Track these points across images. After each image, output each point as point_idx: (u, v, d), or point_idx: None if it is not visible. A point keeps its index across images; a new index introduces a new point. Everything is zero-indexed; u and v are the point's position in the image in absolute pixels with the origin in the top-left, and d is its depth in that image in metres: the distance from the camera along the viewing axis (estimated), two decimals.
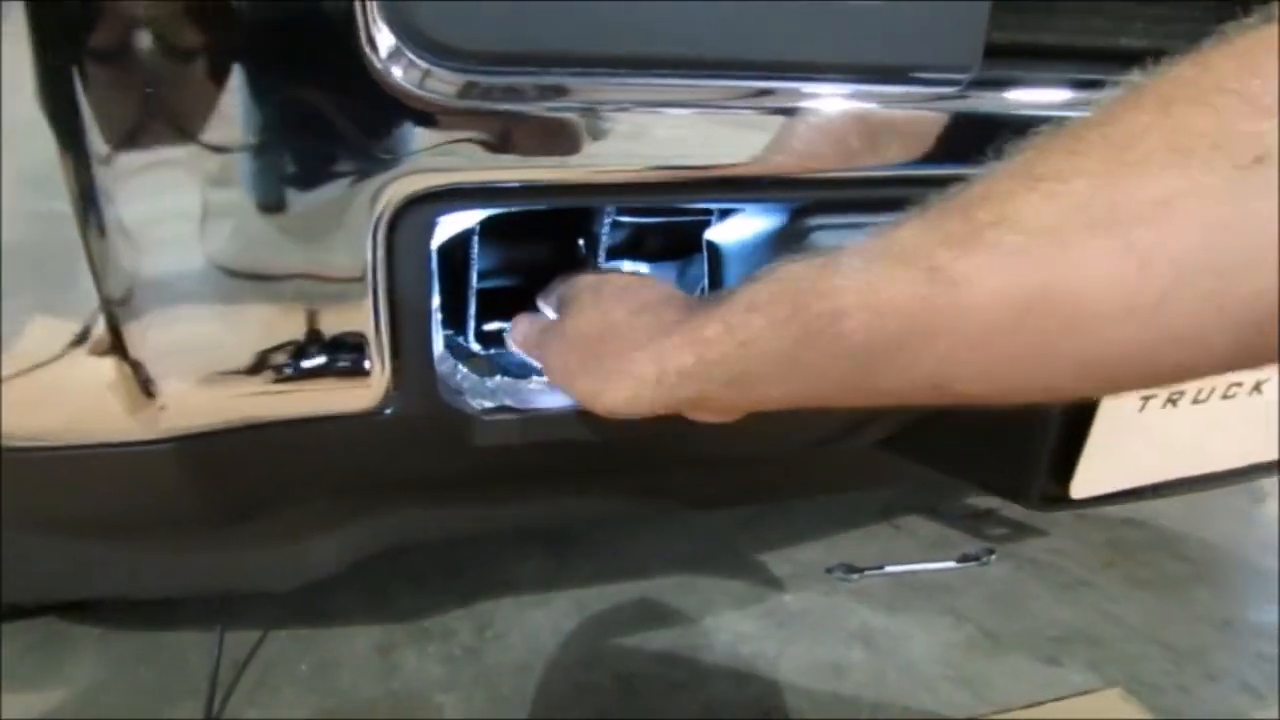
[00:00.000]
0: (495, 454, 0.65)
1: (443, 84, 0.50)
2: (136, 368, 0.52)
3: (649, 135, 0.54)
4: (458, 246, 0.69)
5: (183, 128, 0.48)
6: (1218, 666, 1.24)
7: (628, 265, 0.91)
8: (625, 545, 1.48)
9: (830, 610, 1.33)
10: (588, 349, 0.57)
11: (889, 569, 1.42)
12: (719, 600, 1.35)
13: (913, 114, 0.60)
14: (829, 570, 1.42)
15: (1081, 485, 0.73)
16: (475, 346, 0.78)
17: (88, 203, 0.48)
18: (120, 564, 0.80)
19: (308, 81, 0.49)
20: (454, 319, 0.78)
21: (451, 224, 0.58)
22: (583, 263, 0.81)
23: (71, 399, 0.54)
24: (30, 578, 0.87)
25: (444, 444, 0.62)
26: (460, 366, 0.66)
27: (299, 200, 0.51)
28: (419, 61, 0.49)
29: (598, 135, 0.53)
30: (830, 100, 0.57)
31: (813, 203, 0.62)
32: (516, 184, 0.53)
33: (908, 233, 0.43)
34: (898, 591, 1.39)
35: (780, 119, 0.56)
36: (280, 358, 0.54)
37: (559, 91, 0.52)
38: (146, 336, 0.52)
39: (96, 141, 0.48)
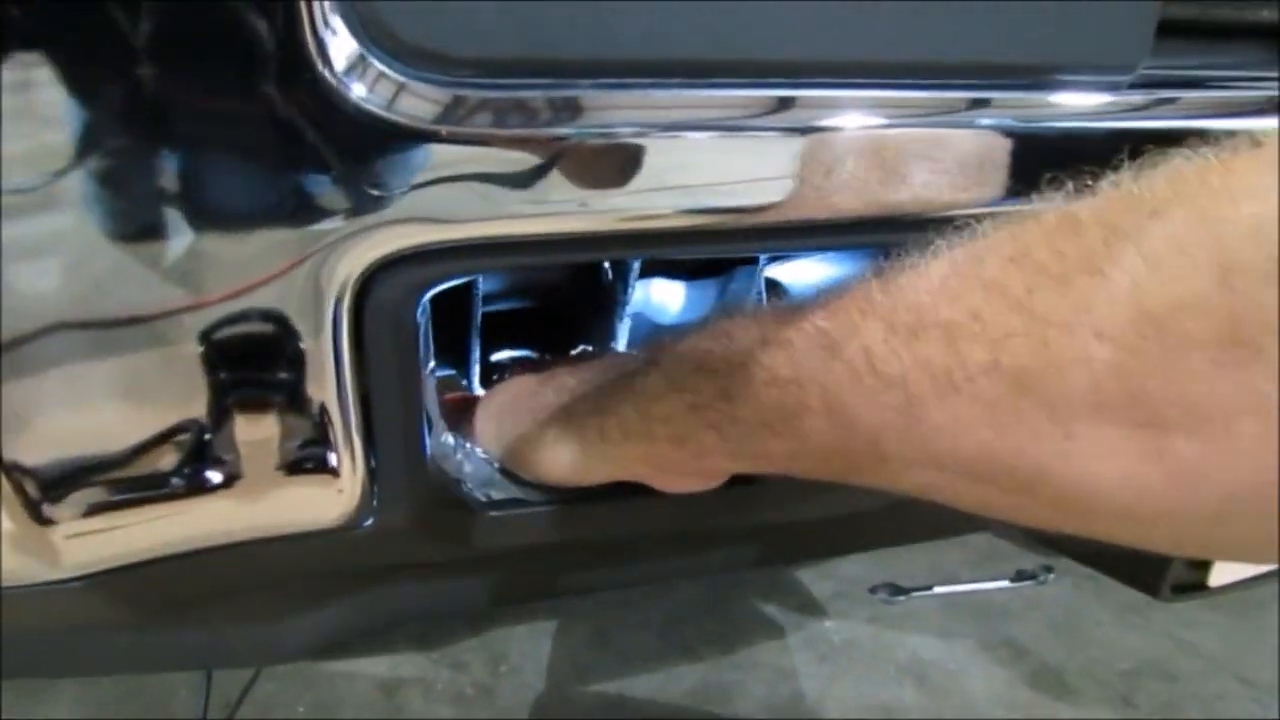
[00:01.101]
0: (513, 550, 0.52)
1: (423, 103, 0.36)
2: (17, 477, 0.39)
3: (702, 167, 0.40)
4: None
5: (65, 145, 0.35)
6: None
7: (659, 283, 0.78)
8: None
9: (877, 640, 1.21)
10: (521, 410, 0.51)
11: (938, 590, 1.30)
12: (755, 628, 1.23)
13: (1042, 129, 0.46)
14: (873, 590, 1.30)
15: (1220, 573, 0.60)
16: (480, 391, 0.66)
17: None
18: (77, 655, 0.69)
19: (237, 105, 0.35)
20: (453, 355, 0.65)
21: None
22: (609, 289, 0.68)
23: None
24: None
25: (440, 548, 0.49)
26: (461, 442, 0.53)
27: (231, 260, 0.37)
28: (390, 73, 0.36)
29: (631, 169, 0.39)
30: (942, 115, 0.43)
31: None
32: (526, 238, 0.40)
33: (875, 335, 0.34)
34: (949, 615, 1.26)
35: (886, 142, 0.42)
36: (221, 462, 0.41)
37: (577, 110, 0.38)
38: (23, 428, 0.38)
39: None
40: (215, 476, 0.41)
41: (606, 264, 0.69)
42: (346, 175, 0.36)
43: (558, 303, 0.75)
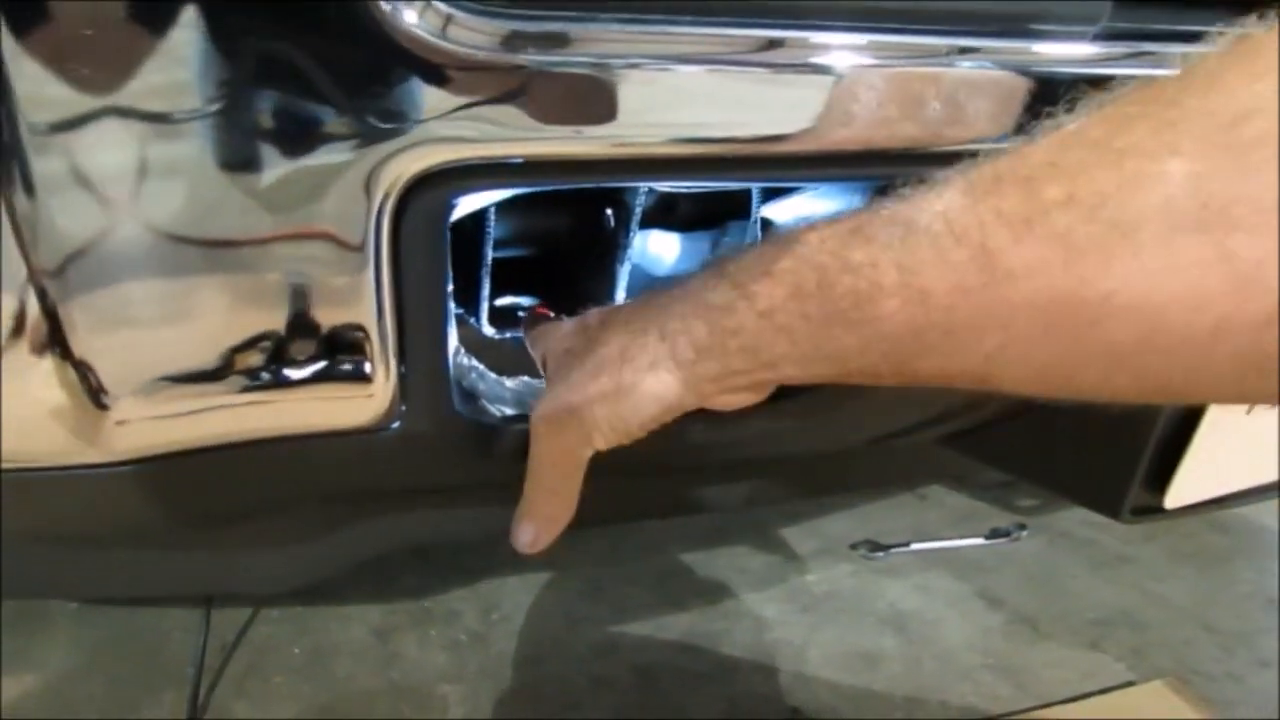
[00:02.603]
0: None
1: (471, 32, 0.39)
2: (83, 371, 0.42)
3: (722, 98, 0.43)
4: (470, 214, 0.59)
5: (134, 70, 0.37)
6: (1270, 651, 1.17)
7: (656, 234, 0.81)
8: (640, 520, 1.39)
9: (858, 592, 1.26)
10: (593, 376, 0.48)
11: (916, 546, 1.34)
12: (740, 581, 1.27)
13: (1017, 75, 0.49)
14: (854, 547, 1.34)
15: (1176, 495, 0.64)
16: (488, 330, 0.68)
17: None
18: (88, 569, 0.71)
19: (291, 27, 0.38)
20: (463, 297, 0.68)
21: (471, 200, 0.47)
22: (612, 235, 0.71)
23: (9, 410, 0.44)
24: None
25: (458, 457, 0.52)
26: (475, 363, 0.56)
27: (283, 171, 0.40)
28: (440, 4, 0.38)
29: (659, 100, 0.42)
30: (927, 58, 0.46)
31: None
32: (561, 159, 0.43)
33: (954, 200, 0.35)
34: (928, 570, 1.31)
35: (875, 81, 0.45)
36: (267, 360, 0.44)
37: (620, 42, 0.41)
38: (93, 328, 0.41)
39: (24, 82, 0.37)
40: (263, 376, 0.44)
41: (609, 211, 0.72)
42: (398, 98, 0.39)
43: (561, 250, 0.77)
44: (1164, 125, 0.31)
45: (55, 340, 0.41)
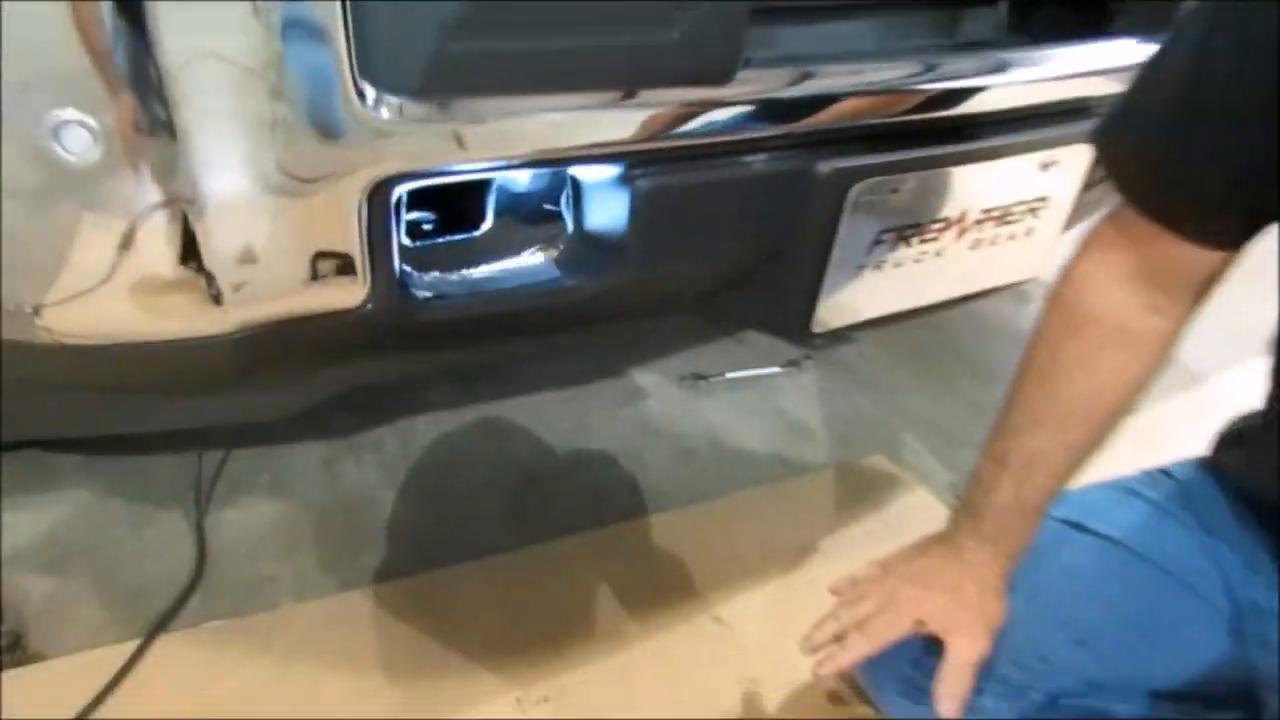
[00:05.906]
0: (436, 324, 0.94)
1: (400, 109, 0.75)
2: (210, 279, 0.77)
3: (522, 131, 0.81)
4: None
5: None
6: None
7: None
8: (517, 370, 1.79)
9: (685, 412, 1.70)
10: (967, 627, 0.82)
11: (729, 375, 1.79)
12: (596, 409, 1.69)
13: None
14: (683, 378, 1.78)
15: (820, 322, 1.06)
16: (406, 240, 1.05)
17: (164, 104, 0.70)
18: (139, 407, 1.07)
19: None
20: None
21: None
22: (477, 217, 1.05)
23: (146, 304, 0.79)
24: (37, 420, 1.13)
25: (401, 322, 0.90)
26: (405, 266, 0.93)
27: (316, 155, 0.76)
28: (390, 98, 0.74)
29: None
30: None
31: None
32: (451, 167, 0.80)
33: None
34: (736, 393, 1.76)
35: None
36: (313, 266, 0.80)
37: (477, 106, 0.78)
38: (219, 242, 0.76)
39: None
40: (310, 275, 0.80)
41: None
42: (371, 140, 0.75)
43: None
44: None
45: (190, 255, 0.76)
